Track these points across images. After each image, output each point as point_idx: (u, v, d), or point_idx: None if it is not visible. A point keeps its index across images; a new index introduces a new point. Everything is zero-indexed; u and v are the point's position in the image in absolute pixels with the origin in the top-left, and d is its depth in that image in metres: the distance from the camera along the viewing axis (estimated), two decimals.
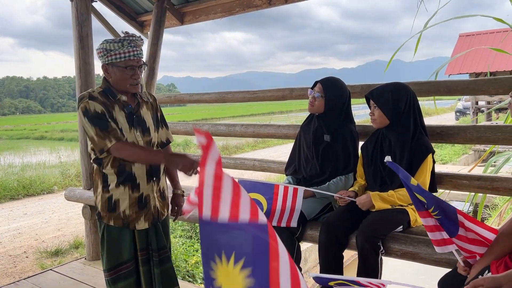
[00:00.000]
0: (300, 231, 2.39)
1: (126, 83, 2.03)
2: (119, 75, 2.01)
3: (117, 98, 2.06)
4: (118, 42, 1.98)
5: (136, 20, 4.60)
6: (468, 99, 17.47)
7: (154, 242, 2.16)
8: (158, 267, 2.16)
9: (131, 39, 2.01)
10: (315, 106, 2.53)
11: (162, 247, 2.19)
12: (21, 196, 8.15)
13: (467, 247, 1.66)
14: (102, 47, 1.99)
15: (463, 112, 20.74)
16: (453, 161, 11.15)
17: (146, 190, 2.12)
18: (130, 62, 2.00)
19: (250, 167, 3.48)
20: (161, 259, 2.18)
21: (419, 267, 2.37)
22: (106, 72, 2.04)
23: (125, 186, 2.07)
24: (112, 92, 2.05)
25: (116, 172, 2.05)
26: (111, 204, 2.08)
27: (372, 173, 2.37)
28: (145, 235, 2.15)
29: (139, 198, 2.10)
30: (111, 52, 1.97)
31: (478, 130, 2.35)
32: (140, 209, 2.11)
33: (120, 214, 2.08)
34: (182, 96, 4.18)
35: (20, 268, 4.42)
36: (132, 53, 1.99)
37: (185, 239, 4.88)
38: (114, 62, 1.99)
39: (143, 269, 2.15)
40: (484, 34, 15.63)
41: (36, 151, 17.59)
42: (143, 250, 2.15)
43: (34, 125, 40.27)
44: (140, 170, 2.09)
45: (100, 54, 2.01)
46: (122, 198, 2.08)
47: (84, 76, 3.66)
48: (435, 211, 1.62)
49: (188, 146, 14.93)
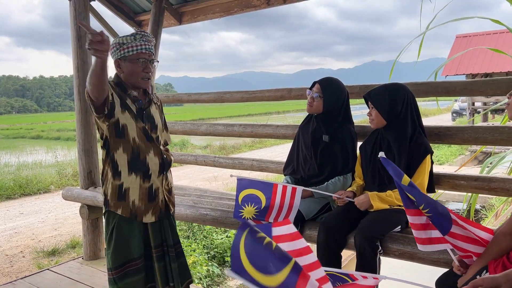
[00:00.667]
0: (299, 231, 2.38)
1: (138, 77, 2.07)
2: (131, 68, 2.05)
3: (127, 92, 2.09)
4: (130, 36, 2.03)
5: (134, 20, 4.59)
6: (465, 100, 17.56)
7: (170, 237, 2.20)
8: (175, 261, 2.20)
9: (143, 34, 2.06)
10: (314, 106, 2.53)
11: (177, 242, 2.24)
12: (17, 195, 8.11)
13: (461, 245, 1.66)
14: (115, 41, 2.03)
15: (460, 113, 20.81)
16: (450, 162, 11.19)
17: (156, 182, 2.15)
18: (142, 55, 2.04)
19: (248, 167, 3.49)
20: (177, 254, 2.22)
21: (417, 267, 2.38)
22: (118, 67, 2.07)
23: (137, 175, 2.09)
24: (123, 87, 2.09)
25: (129, 158, 2.07)
26: (121, 192, 2.09)
27: (371, 173, 2.38)
28: (159, 232, 2.18)
29: (149, 190, 2.13)
30: (124, 45, 2.01)
31: (476, 131, 2.37)
32: (149, 202, 2.14)
33: (129, 204, 2.10)
34: (181, 96, 4.17)
35: (17, 268, 4.40)
36: (144, 46, 2.04)
37: (182, 239, 4.88)
38: (127, 56, 2.03)
39: (159, 266, 2.18)
40: (481, 35, 15.70)
41: (32, 151, 17.52)
42: (158, 247, 2.17)
43: (31, 124, 40.08)
44: (154, 162, 2.12)
45: (112, 49, 2.03)
46: (133, 187, 2.09)
47: (82, 75, 3.65)
48: (426, 208, 1.63)
49: (185, 146, 14.92)
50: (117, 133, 2.06)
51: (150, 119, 2.16)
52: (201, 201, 3.21)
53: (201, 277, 4.17)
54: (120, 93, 2.07)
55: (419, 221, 1.72)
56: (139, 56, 2.04)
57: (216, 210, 2.91)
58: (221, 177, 8.86)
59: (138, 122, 2.09)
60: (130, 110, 2.07)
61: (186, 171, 10.37)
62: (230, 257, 1.95)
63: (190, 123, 4.01)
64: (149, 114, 2.16)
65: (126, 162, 2.07)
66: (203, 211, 2.93)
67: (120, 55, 2.03)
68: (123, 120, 2.05)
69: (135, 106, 2.10)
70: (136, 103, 2.11)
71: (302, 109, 2.54)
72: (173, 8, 4.30)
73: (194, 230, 5.11)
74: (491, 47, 5.81)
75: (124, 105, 2.06)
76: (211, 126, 3.72)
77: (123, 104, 2.06)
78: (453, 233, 1.65)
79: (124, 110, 2.06)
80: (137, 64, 2.04)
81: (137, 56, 2.03)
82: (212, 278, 4.30)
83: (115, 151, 2.06)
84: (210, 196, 3.40)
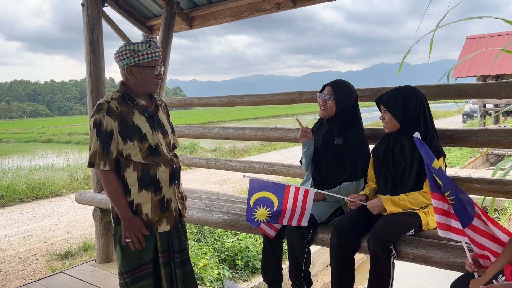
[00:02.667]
0: (311, 234, 2.39)
1: (151, 83, 2.09)
2: (146, 75, 2.06)
3: (136, 102, 2.09)
4: (145, 42, 2.04)
5: (145, 25, 4.64)
6: (476, 102, 17.37)
7: (176, 244, 2.19)
8: (180, 268, 2.19)
9: (155, 41, 2.09)
10: (328, 108, 2.54)
11: (183, 249, 2.23)
12: (30, 199, 8.20)
13: (480, 240, 1.65)
14: (129, 48, 2.02)
15: (471, 115, 20.61)
16: (461, 165, 11.09)
17: (168, 193, 2.15)
18: (156, 62, 2.08)
19: (260, 170, 3.50)
20: (182, 261, 2.21)
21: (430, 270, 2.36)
22: (130, 74, 2.06)
23: (147, 190, 2.08)
24: (130, 97, 2.09)
25: (139, 176, 2.06)
26: (132, 208, 2.09)
27: (383, 177, 2.38)
28: (166, 238, 2.18)
29: (161, 201, 2.13)
30: (139, 52, 2.02)
31: (490, 134, 2.35)
32: (162, 212, 2.14)
33: (143, 217, 2.10)
34: (192, 99, 4.20)
35: (31, 271, 4.45)
36: (157, 54, 2.08)
37: (193, 242, 4.89)
38: (142, 63, 2.04)
39: (165, 271, 2.18)
40: (491, 36, 15.55)
41: (43, 154, 17.71)
42: (164, 252, 2.17)
43: (42, 128, 40.58)
44: (164, 174, 2.12)
45: (125, 55, 2.03)
46: (144, 201, 2.09)
47: (95, 80, 3.70)
48: (451, 196, 1.63)
49: (195, 149, 14.97)
50: (123, 158, 2.07)
51: (161, 126, 2.18)
52: (213, 204, 3.23)
53: (212, 280, 4.18)
54: (127, 109, 2.06)
55: (442, 206, 1.72)
56: (155, 63, 2.07)
57: (228, 213, 2.92)
58: (231, 180, 8.87)
59: (151, 137, 2.09)
60: (133, 133, 2.05)
61: (196, 175, 10.41)
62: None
63: (202, 126, 4.03)
64: (158, 120, 2.18)
65: (136, 179, 2.06)
66: (215, 214, 2.95)
67: (135, 62, 2.03)
68: (126, 151, 2.06)
69: (145, 116, 2.10)
70: (145, 112, 2.11)
71: (311, 112, 2.55)
72: (184, 12, 4.33)
73: (205, 233, 5.12)
74: (503, 48, 5.72)
75: (127, 134, 2.04)
76: (222, 130, 3.74)
77: (125, 133, 2.03)
78: (474, 226, 1.64)
79: (126, 140, 2.04)
80: (152, 71, 2.07)
81: (152, 63, 2.06)
82: (223, 281, 4.31)
83: (125, 169, 2.07)
84: (222, 200, 3.41)
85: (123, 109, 2.05)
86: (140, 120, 2.08)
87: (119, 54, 2.05)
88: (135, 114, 2.08)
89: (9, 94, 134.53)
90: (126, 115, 2.05)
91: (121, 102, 2.07)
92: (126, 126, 2.04)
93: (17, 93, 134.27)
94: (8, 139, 29.79)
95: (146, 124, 2.10)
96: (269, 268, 2.54)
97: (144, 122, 2.09)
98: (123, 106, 2.06)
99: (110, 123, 2.00)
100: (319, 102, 2.59)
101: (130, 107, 2.08)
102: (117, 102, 2.05)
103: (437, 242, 2.12)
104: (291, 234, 2.38)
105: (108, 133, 2.00)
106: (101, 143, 2.00)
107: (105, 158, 2.01)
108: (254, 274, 4.61)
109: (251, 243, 4.89)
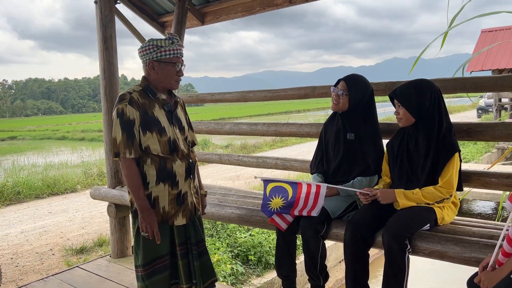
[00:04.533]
0: (325, 229, 2.38)
1: (172, 79, 2.14)
2: (167, 70, 2.11)
3: (156, 96, 2.14)
4: (168, 39, 2.10)
5: (157, 21, 4.65)
6: (491, 96, 17.06)
7: (193, 236, 2.22)
8: (198, 260, 2.22)
9: (178, 39, 2.14)
10: (340, 104, 2.51)
11: (200, 241, 2.26)
12: (45, 195, 8.33)
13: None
14: (152, 43, 2.08)
15: (486, 110, 20.24)
16: (476, 160, 10.93)
17: (184, 187, 2.19)
18: (178, 59, 2.13)
19: (273, 165, 3.49)
20: (199, 252, 2.24)
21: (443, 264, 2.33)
22: (152, 68, 2.12)
23: (165, 184, 2.13)
24: (152, 91, 2.14)
25: (157, 169, 2.11)
26: (150, 201, 2.12)
27: (398, 171, 2.35)
28: (183, 230, 2.21)
29: (178, 195, 2.17)
30: (162, 48, 2.07)
31: (507, 127, 2.31)
32: (178, 205, 2.17)
33: (160, 211, 2.14)
34: (204, 95, 4.21)
35: (47, 265, 4.52)
36: (179, 51, 2.13)
37: (206, 237, 4.92)
38: (163, 58, 2.09)
39: (182, 263, 2.21)
40: (507, 29, 15.24)
41: (58, 151, 17.96)
42: (182, 245, 2.20)
43: (56, 125, 41.12)
44: (180, 168, 2.16)
45: (148, 50, 2.09)
46: (162, 195, 2.13)
47: (108, 77, 3.73)
48: None
49: (207, 145, 15.02)
50: (142, 151, 2.11)
51: (178, 121, 2.23)
52: (226, 199, 3.24)
53: (225, 275, 4.20)
54: (148, 102, 2.11)
55: None
56: (176, 60, 2.12)
57: (241, 208, 2.93)
58: (243, 176, 8.89)
59: (170, 130, 2.13)
60: (153, 125, 2.09)
61: (208, 170, 10.45)
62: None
63: (214, 122, 4.04)
64: (176, 116, 2.23)
65: (154, 172, 2.11)
66: (229, 209, 2.96)
67: (157, 57, 2.09)
68: (145, 143, 2.09)
69: (164, 110, 2.15)
70: (165, 106, 2.17)
71: (323, 108, 2.52)
72: (196, 8, 4.34)
73: (218, 228, 5.15)
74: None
75: (147, 125, 2.08)
76: (235, 125, 3.74)
77: (145, 124, 2.08)
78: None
79: (146, 131, 2.08)
80: (173, 67, 2.12)
81: (174, 59, 2.11)
82: (236, 277, 4.33)
83: (144, 163, 2.11)
84: (235, 195, 3.42)
85: (144, 101, 2.11)
86: (160, 114, 2.13)
87: (143, 49, 2.11)
88: (156, 107, 2.13)
89: (24, 92, 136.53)
90: (147, 107, 2.10)
91: (143, 95, 2.12)
92: (147, 117, 2.08)
93: (31, 91, 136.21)
94: (23, 137, 30.27)
95: (165, 118, 2.14)
96: (283, 263, 2.54)
97: (164, 116, 2.14)
98: (144, 98, 2.11)
99: (133, 112, 2.05)
100: (332, 96, 2.57)
101: (151, 100, 2.13)
102: (138, 94, 2.11)
103: (453, 237, 2.10)
104: (305, 229, 2.37)
105: (131, 122, 2.04)
106: (124, 131, 2.04)
107: (130, 146, 2.04)
108: (267, 269, 4.62)
109: (264, 238, 4.89)
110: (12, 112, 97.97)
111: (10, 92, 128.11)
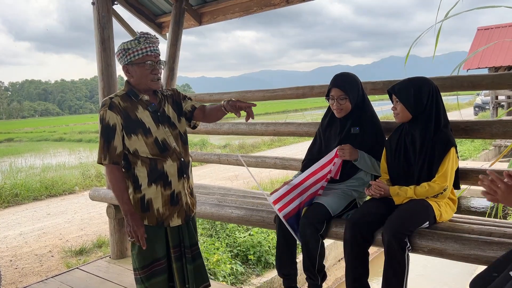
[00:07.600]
0: (325, 228, 2.39)
1: (147, 79, 2.09)
2: (139, 72, 2.08)
3: (139, 98, 2.12)
4: (134, 40, 2.06)
5: (155, 22, 4.66)
6: (488, 93, 17.11)
7: (187, 239, 2.21)
8: (191, 263, 2.21)
9: (146, 36, 2.08)
10: (344, 108, 2.52)
11: (194, 244, 2.25)
12: (43, 196, 8.31)
13: None
14: (120, 48, 2.07)
15: (482, 107, 20.32)
16: (473, 157, 10.97)
17: (177, 187, 2.17)
18: (148, 57, 2.06)
19: (272, 165, 3.50)
20: (193, 256, 2.23)
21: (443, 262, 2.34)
22: (127, 73, 2.11)
23: (157, 185, 2.11)
24: (134, 93, 2.12)
25: (148, 170, 2.10)
26: (143, 204, 2.12)
27: (395, 168, 2.37)
28: (177, 233, 2.20)
29: (171, 196, 2.15)
30: (129, 50, 2.04)
31: (505, 125, 2.32)
32: (173, 206, 2.15)
33: (154, 213, 2.13)
34: (202, 95, 4.21)
35: (47, 267, 4.52)
36: (149, 48, 2.06)
37: (205, 238, 4.92)
38: (133, 60, 2.06)
39: (176, 266, 2.19)
40: (503, 27, 15.30)
41: (55, 153, 17.92)
42: (176, 247, 2.19)
43: (53, 127, 41.04)
44: (172, 168, 2.13)
45: (119, 56, 2.08)
46: (155, 197, 2.12)
47: (106, 78, 3.72)
48: None
49: (205, 145, 15.02)
50: (131, 154, 2.11)
51: (167, 119, 2.19)
52: (225, 199, 3.24)
53: (225, 275, 4.21)
54: (131, 105, 2.09)
55: None
56: (145, 59, 2.06)
57: (241, 208, 2.93)
58: (242, 176, 8.89)
59: (157, 131, 2.11)
60: (137, 127, 2.08)
61: (206, 171, 10.45)
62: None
63: (213, 122, 4.03)
64: (164, 114, 2.18)
65: (146, 174, 2.09)
66: (228, 209, 2.96)
67: (127, 61, 2.06)
68: (132, 146, 2.08)
69: (149, 111, 2.12)
70: (150, 107, 2.13)
71: (321, 107, 2.54)
72: (193, 9, 4.34)
73: (217, 228, 5.15)
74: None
75: (131, 128, 2.07)
76: (233, 125, 3.75)
77: (129, 128, 2.07)
78: None
79: (130, 134, 2.07)
80: (144, 67, 2.07)
81: (143, 59, 2.05)
82: (236, 276, 4.34)
83: (135, 165, 2.10)
84: (234, 195, 3.43)
85: (127, 105, 2.09)
86: (143, 115, 2.11)
87: (116, 54, 2.10)
88: (139, 109, 2.11)
89: (21, 93, 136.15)
90: (129, 110, 2.09)
91: (125, 99, 2.10)
92: (130, 121, 2.07)
93: (28, 93, 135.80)
94: (20, 138, 30.18)
95: (150, 119, 2.12)
96: (284, 262, 2.55)
97: (148, 117, 2.12)
98: (126, 102, 2.10)
99: (113, 117, 2.04)
100: (332, 105, 2.56)
101: (134, 102, 2.11)
102: (120, 98, 2.10)
103: (452, 235, 2.11)
104: (305, 227, 2.38)
105: (111, 127, 2.04)
106: (102, 136, 2.05)
107: (105, 152, 2.05)
108: (267, 269, 4.63)
109: (263, 238, 4.90)
110: (9, 114, 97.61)
111: (6, 94, 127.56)
